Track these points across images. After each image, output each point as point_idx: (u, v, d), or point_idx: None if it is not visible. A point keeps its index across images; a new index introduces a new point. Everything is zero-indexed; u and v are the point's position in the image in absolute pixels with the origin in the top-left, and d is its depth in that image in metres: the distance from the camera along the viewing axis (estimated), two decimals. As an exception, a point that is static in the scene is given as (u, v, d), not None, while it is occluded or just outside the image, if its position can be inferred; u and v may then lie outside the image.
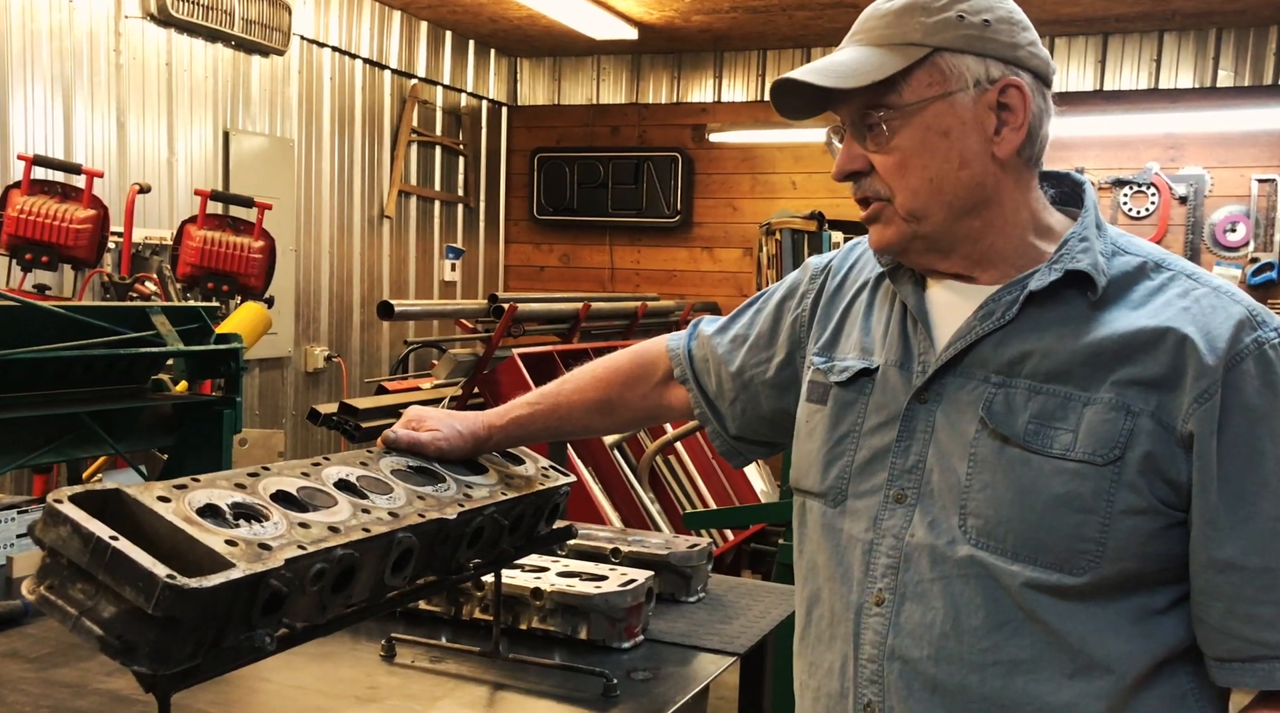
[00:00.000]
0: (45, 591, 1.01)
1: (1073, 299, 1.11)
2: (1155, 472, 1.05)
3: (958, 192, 1.13)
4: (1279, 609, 1.03)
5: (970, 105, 1.11)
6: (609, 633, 1.78)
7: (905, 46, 1.12)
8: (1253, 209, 5.38)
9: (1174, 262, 1.14)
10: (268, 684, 1.61)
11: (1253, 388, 1.03)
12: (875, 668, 1.14)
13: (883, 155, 1.14)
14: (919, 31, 1.11)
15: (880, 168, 1.15)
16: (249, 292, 3.68)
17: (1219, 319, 1.06)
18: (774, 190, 6.20)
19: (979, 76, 1.11)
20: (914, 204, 1.14)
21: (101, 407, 2.23)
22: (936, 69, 1.11)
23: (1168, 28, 5.34)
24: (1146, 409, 1.05)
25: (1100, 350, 1.08)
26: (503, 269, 6.79)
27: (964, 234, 1.15)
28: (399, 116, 5.68)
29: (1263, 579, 1.03)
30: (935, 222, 1.14)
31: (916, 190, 1.13)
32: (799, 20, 5.32)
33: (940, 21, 1.11)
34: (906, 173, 1.13)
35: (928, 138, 1.12)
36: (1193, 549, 1.06)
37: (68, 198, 3.36)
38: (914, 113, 1.12)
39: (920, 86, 1.11)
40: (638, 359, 1.55)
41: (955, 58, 1.11)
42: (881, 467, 1.17)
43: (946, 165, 1.12)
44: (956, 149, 1.12)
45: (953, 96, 1.11)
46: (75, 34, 3.93)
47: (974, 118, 1.12)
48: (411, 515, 1.29)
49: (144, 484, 1.11)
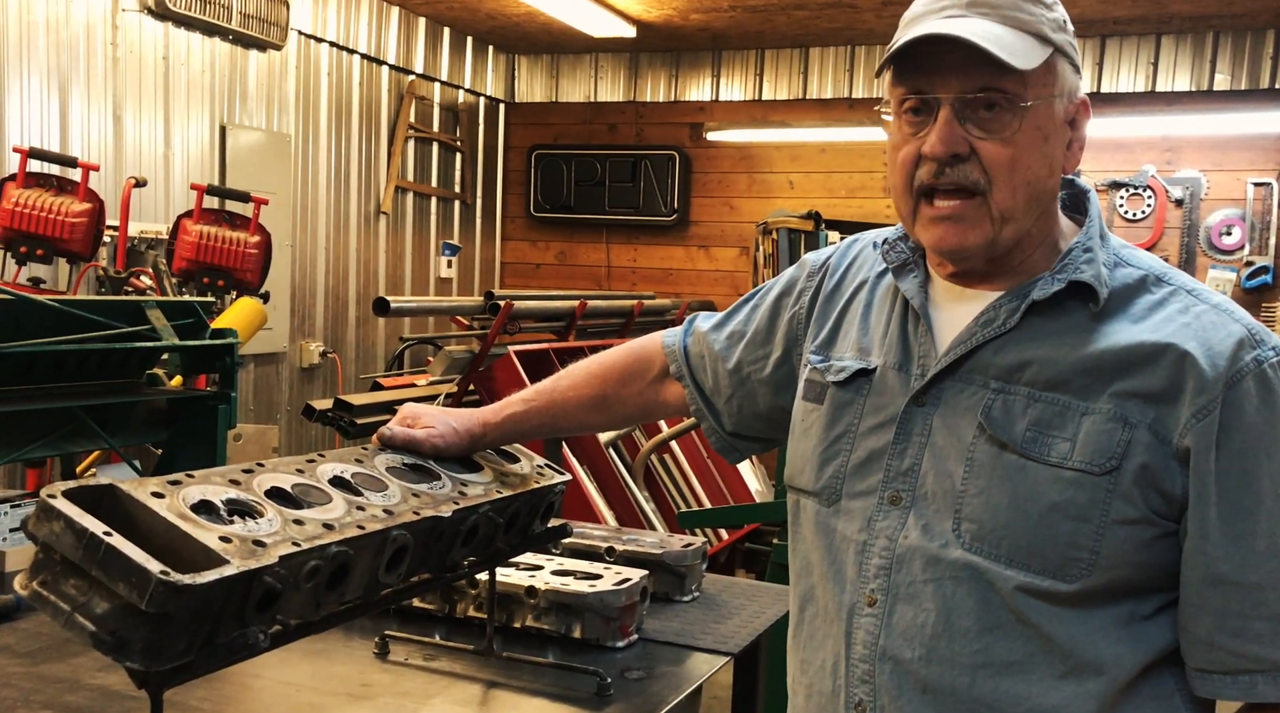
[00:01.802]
0: (38, 586, 1.00)
1: (1074, 309, 1.11)
2: (1150, 483, 1.05)
3: (1043, 200, 1.12)
4: (1267, 625, 1.04)
5: (1061, 115, 1.11)
6: (603, 632, 1.78)
7: (1039, 39, 1.08)
8: (1248, 212, 5.39)
9: (1175, 276, 1.14)
10: (261, 681, 1.61)
11: (1252, 407, 1.04)
12: (867, 668, 1.15)
13: (995, 144, 1.07)
14: (1048, 26, 1.09)
15: (988, 157, 1.08)
16: (244, 287, 3.67)
17: (1219, 336, 1.06)
18: (771, 189, 6.20)
19: (1072, 87, 1.11)
20: (1010, 203, 1.09)
21: (96, 401, 2.23)
22: (1052, 69, 1.09)
23: (1165, 31, 5.34)
24: (1144, 421, 1.05)
25: (1100, 362, 1.08)
26: (499, 266, 6.78)
27: (1022, 241, 1.13)
28: (396, 112, 5.67)
29: (1253, 595, 1.04)
30: (1019, 227, 1.11)
31: (1016, 189, 1.09)
32: (798, 20, 5.32)
33: (1055, 20, 1.10)
34: (1015, 169, 1.08)
35: (1035, 139, 1.09)
36: (1185, 563, 1.06)
37: (63, 191, 3.36)
38: (1032, 109, 1.08)
39: (1038, 84, 1.08)
40: (633, 356, 1.55)
41: (1064, 63, 1.10)
42: (877, 468, 1.17)
43: (1043, 171, 1.10)
44: (1050, 156, 1.11)
45: (1054, 102, 1.10)
46: (72, 27, 3.92)
47: (1061, 128, 1.11)
48: (406, 513, 1.28)
49: (138, 480, 1.10)
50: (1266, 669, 1.04)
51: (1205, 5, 4.87)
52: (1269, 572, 1.04)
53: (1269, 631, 1.04)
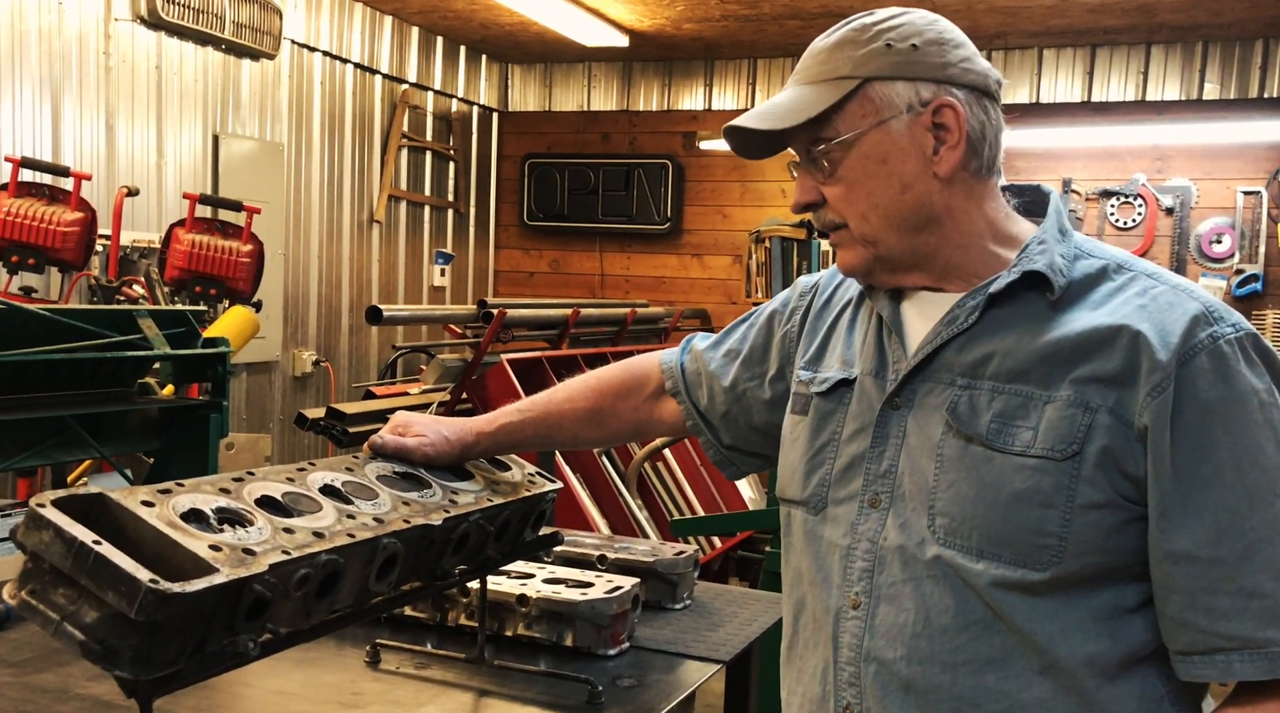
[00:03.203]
0: (27, 595, 1.00)
1: (1032, 301, 1.14)
2: (1113, 466, 1.06)
3: (904, 214, 1.17)
4: (1233, 601, 1.03)
5: (905, 130, 1.15)
6: (594, 640, 1.78)
7: (837, 81, 1.16)
8: (1238, 221, 5.41)
9: (1136, 263, 1.16)
10: (251, 690, 1.61)
11: (1206, 382, 1.04)
12: (853, 671, 1.16)
13: (830, 186, 1.19)
14: (849, 64, 1.16)
15: (830, 198, 1.19)
16: (237, 295, 3.67)
17: (1174, 315, 1.08)
18: (763, 198, 6.21)
19: (910, 101, 1.14)
20: (865, 229, 1.18)
21: (87, 410, 2.23)
22: (868, 99, 1.15)
23: (1155, 40, 5.38)
24: (1105, 405, 1.07)
25: (1058, 349, 1.10)
26: (492, 275, 6.78)
27: (921, 251, 1.18)
28: (389, 121, 5.68)
29: (1217, 571, 1.04)
30: (889, 244, 1.18)
31: (865, 216, 1.18)
32: (789, 29, 5.34)
33: (868, 53, 1.15)
34: (853, 201, 1.18)
35: (868, 166, 1.16)
36: (1150, 542, 1.07)
37: (55, 200, 3.35)
38: (851, 144, 1.16)
39: (854, 118, 1.15)
40: (630, 372, 1.57)
41: (885, 86, 1.15)
42: (858, 473, 1.20)
43: (889, 190, 1.16)
44: (896, 174, 1.16)
45: (887, 124, 1.15)
46: (64, 36, 3.92)
47: (910, 141, 1.15)
48: (397, 521, 1.28)
49: (128, 488, 1.10)
50: (1239, 647, 1.03)
51: (1195, 15, 4.90)
52: (1232, 546, 1.03)
53: (1235, 606, 1.03)
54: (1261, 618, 1.03)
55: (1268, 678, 1.03)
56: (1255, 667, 1.03)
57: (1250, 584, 1.03)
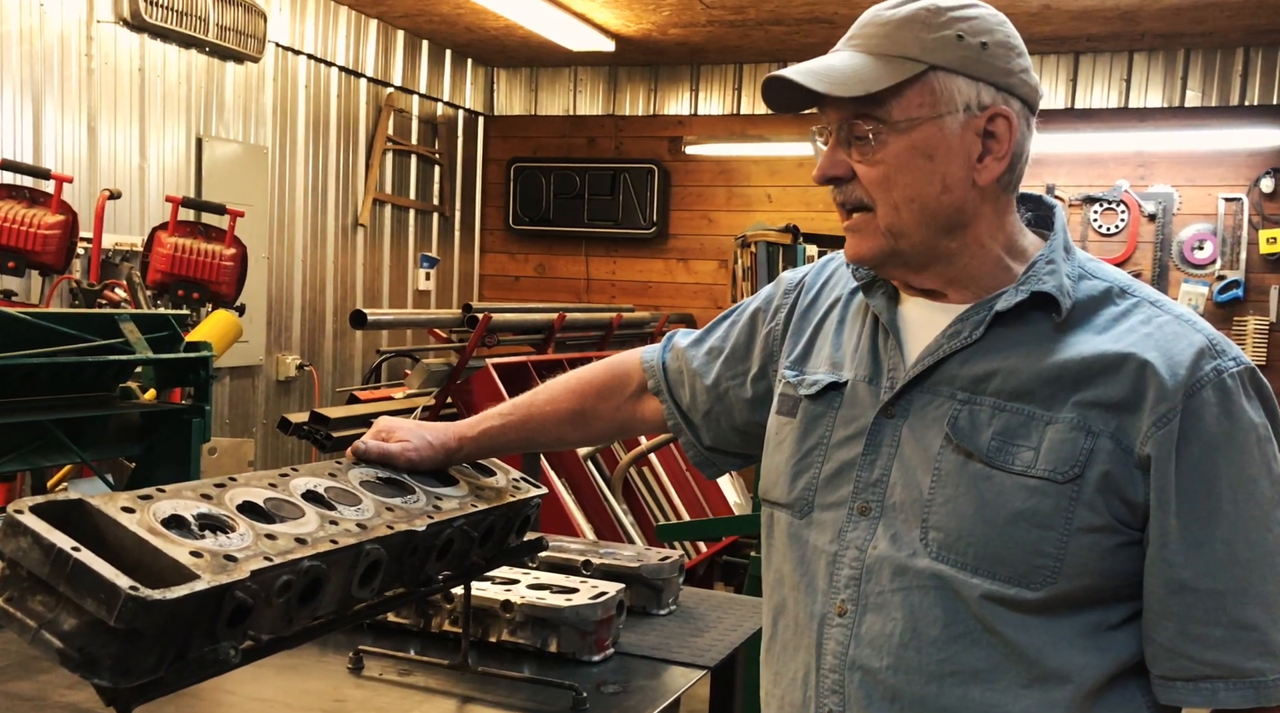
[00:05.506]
0: (4, 602, 0.99)
1: (1038, 320, 1.13)
2: (1113, 491, 1.06)
3: (939, 214, 1.13)
4: (1226, 632, 1.05)
5: (958, 130, 1.11)
6: (579, 646, 1.78)
7: (902, 60, 1.10)
8: (1220, 227, 5.45)
9: (1139, 288, 1.16)
10: (232, 698, 1.59)
11: (1211, 415, 1.05)
12: (837, 678, 1.15)
13: (867, 167, 1.13)
14: (917, 47, 1.10)
15: (863, 178, 1.14)
16: (220, 299, 3.65)
17: (1180, 346, 1.08)
18: (749, 203, 6.22)
19: (970, 101, 1.11)
20: (894, 220, 1.13)
21: (68, 415, 2.20)
22: (929, 88, 1.10)
23: (1137, 48, 5.41)
24: (1106, 430, 1.07)
25: (1063, 372, 1.09)
26: (477, 279, 6.77)
27: (940, 254, 1.16)
28: (374, 125, 5.66)
29: (1214, 602, 1.05)
30: (914, 240, 1.14)
31: (899, 207, 1.13)
32: (775, 35, 5.35)
33: (940, 39, 1.10)
34: (890, 188, 1.13)
35: (913, 158, 1.11)
36: (1147, 570, 1.08)
37: (36, 203, 3.33)
38: (903, 131, 1.11)
39: (911, 105, 1.11)
40: (612, 371, 1.55)
41: (949, 78, 1.10)
42: (847, 479, 1.19)
43: (930, 188, 1.12)
44: (940, 173, 1.12)
45: (942, 119, 1.11)
46: (46, 38, 3.89)
47: (960, 143, 1.11)
48: (380, 527, 1.28)
49: (109, 494, 1.09)
50: (1226, 676, 1.05)
51: (1177, 23, 4.94)
52: (1228, 578, 1.05)
53: (1228, 638, 1.05)
54: (1251, 649, 1.04)
55: (1251, 707, 1.05)
56: (1240, 695, 1.05)
57: (1243, 616, 1.04)
